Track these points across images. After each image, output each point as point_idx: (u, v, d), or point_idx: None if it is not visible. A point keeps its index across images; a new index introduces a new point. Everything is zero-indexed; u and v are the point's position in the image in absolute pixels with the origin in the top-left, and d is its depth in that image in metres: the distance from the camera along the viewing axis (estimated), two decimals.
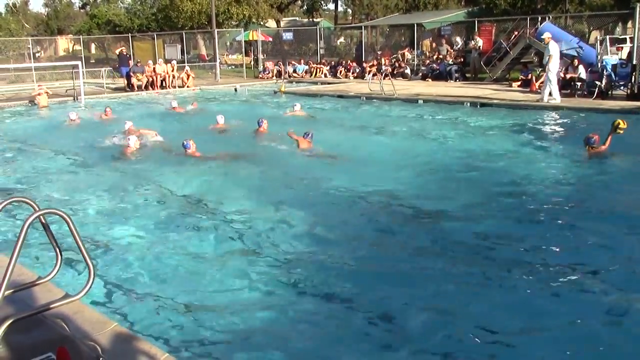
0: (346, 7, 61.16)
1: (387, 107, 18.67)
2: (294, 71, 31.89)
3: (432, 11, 42.81)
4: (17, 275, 4.69)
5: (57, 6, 68.78)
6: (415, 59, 29.62)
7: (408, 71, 27.83)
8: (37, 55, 49.43)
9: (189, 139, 11.67)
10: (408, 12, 45.38)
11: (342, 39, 45.33)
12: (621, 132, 10.44)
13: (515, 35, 24.50)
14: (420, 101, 19.20)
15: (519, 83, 21.83)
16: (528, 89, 20.28)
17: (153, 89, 25.99)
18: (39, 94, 21.65)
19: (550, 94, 17.18)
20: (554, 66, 17.09)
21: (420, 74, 27.21)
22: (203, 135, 14.00)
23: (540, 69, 21.83)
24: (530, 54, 24.54)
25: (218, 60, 33.97)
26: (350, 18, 61.55)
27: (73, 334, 4.05)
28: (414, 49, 30.35)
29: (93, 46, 59.08)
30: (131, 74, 26.16)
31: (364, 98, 20.72)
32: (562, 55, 20.00)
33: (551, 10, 30.89)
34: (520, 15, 27.82)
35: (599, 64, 18.38)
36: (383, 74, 23.05)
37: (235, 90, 26.34)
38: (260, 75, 32.41)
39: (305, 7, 58.48)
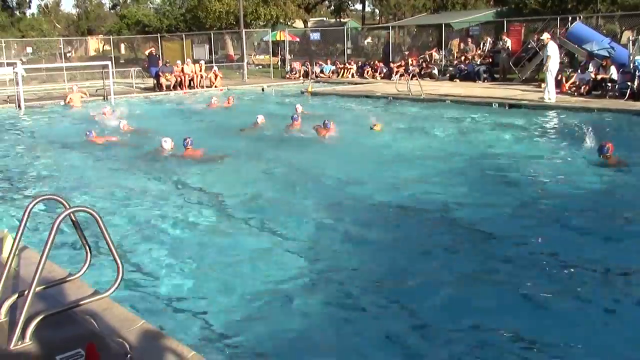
0: (373, 7, 61.05)
1: (414, 108, 18.57)
2: (321, 71, 31.89)
3: (460, 11, 42.48)
4: (48, 272, 4.76)
5: (87, 7, 69.74)
6: (443, 60, 29.40)
7: (435, 72, 27.64)
8: (68, 55, 50.12)
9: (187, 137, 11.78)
10: (436, 12, 45.12)
11: (369, 39, 45.13)
12: None
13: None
14: (448, 102, 19.06)
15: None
16: (558, 90, 19.99)
17: (181, 89, 26.21)
18: (73, 92, 22.02)
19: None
20: (554, 66, 17.29)
21: (448, 75, 27.01)
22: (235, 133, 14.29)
23: (570, 70, 21.52)
24: (561, 55, 24.17)
25: (246, 60, 34.14)
26: (378, 18, 61.40)
27: (102, 330, 4.10)
28: (441, 50, 30.13)
29: (123, 46, 59.79)
30: (160, 74, 26.43)
31: (391, 98, 20.64)
32: (594, 56, 19.71)
33: (582, 9, 30.37)
34: (550, 15, 27.44)
35: (631, 65, 18.05)
36: (410, 75, 22.94)
37: (263, 90, 26.43)
38: (287, 76, 32.47)
39: (332, 7, 58.49)
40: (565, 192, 8.85)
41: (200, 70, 27.47)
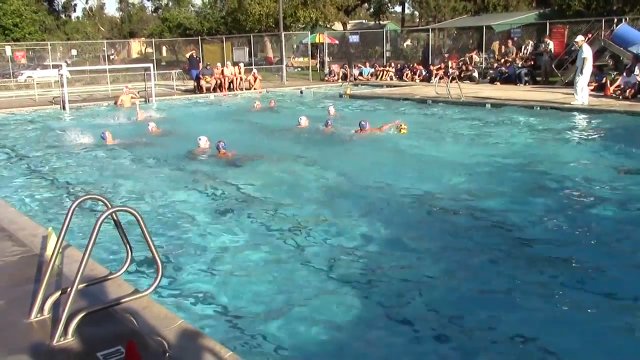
0: (413, 9, 60.67)
1: (454, 111, 18.40)
2: (360, 74, 31.86)
3: (501, 13, 41.91)
4: (90, 270, 4.86)
5: (130, 10, 71.04)
6: (484, 62, 29.06)
7: (476, 74, 27.33)
8: (111, 57, 51.14)
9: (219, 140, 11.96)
10: (477, 14, 44.59)
11: (408, 42, 44.95)
12: None
13: (589, 38, 23.70)
14: (488, 105, 18.82)
15: (592, 87, 21.09)
16: (602, 94, 19.57)
17: (221, 91, 26.49)
18: (124, 94, 22.52)
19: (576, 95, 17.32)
20: (588, 70, 17.14)
21: (489, 78, 26.68)
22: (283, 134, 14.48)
23: (615, 73, 21.06)
24: (605, 57, 23.68)
25: (285, 63, 34.30)
26: (417, 20, 61.00)
27: (141, 328, 4.17)
28: (482, 52, 29.79)
29: (164, 49, 60.73)
30: (200, 76, 26.76)
31: (430, 101, 20.49)
32: None
33: (628, 11, 29.67)
34: (594, 17, 26.89)
35: None
36: (450, 77, 22.72)
37: (301, 92, 26.53)
38: (326, 78, 32.52)
39: (371, 10, 58.40)
40: (610, 197, 8.65)
41: (240, 73, 27.73)
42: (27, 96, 27.00)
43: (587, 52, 17.20)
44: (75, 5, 63.34)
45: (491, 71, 27.26)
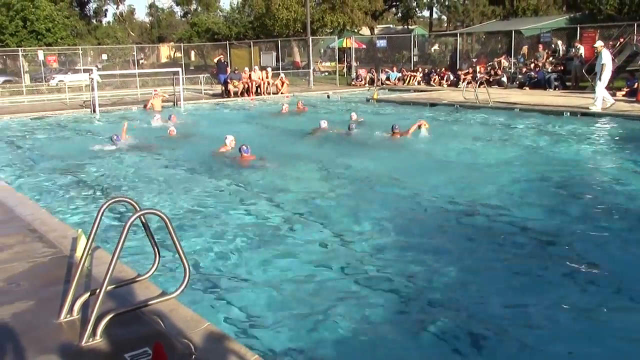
0: (441, 14, 60.43)
1: (482, 116, 18.24)
2: (387, 79, 31.79)
3: (531, 17, 41.50)
4: (118, 272, 4.92)
5: (160, 15, 71.86)
6: (512, 67, 28.79)
7: (505, 79, 27.07)
8: (140, 62, 51.77)
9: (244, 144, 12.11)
10: (505, 18, 44.22)
11: (436, 46, 44.71)
12: None
13: (621, 42, 23.34)
14: (517, 110, 18.63)
15: (623, 92, 20.77)
16: (634, 99, 19.25)
17: (248, 95, 26.63)
18: (153, 98, 22.78)
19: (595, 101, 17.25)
20: (606, 76, 17.12)
21: (517, 83, 26.42)
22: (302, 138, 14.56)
23: None
24: (637, 62, 23.27)
25: (312, 68, 34.40)
26: (445, 25, 60.73)
27: (168, 330, 4.20)
28: (510, 57, 29.52)
29: (193, 53, 61.34)
30: (228, 80, 26.97)
31: (458, 106, 20.35)
32: None
33: None
34: (626, 22, 26.46)
35: None
36: (478, 82, 22.55)
37: (328, 97, 26.55)
38: (353, 83, 32.53)
39: (399, 14, 58.26)
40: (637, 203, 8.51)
41: (267, 77, 27.87)
42: (58, 100, 27.51)
43: (606, 58, 17.12)
44: (106, 10, 64.10)
45: (520, 76, 26.99)
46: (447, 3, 54.32)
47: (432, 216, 8.21)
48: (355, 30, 44.89)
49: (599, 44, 18.26)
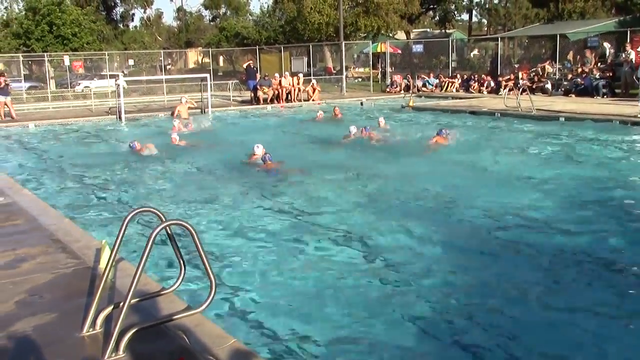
0: (481, 17, 60.06)
1: (524, 125, 18.03)
2: (424, 85, 31.69)
3: (577, 21, 40.99)
4: (142, 284, 4.97)
5: (187, 19, 72.76)
6: (557, 73, 28.43)
7: (549, 86, 26.74)
8: (168, 67, 52.42)
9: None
10: (550, 22, 43.74)
11: (475, 51, 44.46)
12: None
13: None
14: (562, 119, 18.38)
15: None
16: None
17: (278, 102, 26.76)
18: (180, 105, 22.99)
19: None
20: None
21: (563, 90, 26.07)
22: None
23: None
24: None
25: (345, 73, 34.45)
26: (485, 29, 60.33)
27: (193, 346, 4.22)
28: (555, 62, 29.17)
29: (221, 58, 61.92)
30: (258, 87, 27.14)
31: (499, 115, 20.17)
32: None
33: None
34: None
35: None
36: (520, 89, 22.32)
37: (361, 104, 26.54)
38: (388, 90, 32.49)
39: (437, 17, 58.08)
40: None
41: (298, 83, 27.98)
42: (84, 106, 28.05)
43: None
44: (133, 14, 65.22)
45: (565, 82, 26.63)
46: (487, 6, 54.04)
47: (469, 232, 8.11)
48: (390, 35, 44.85)
49: None
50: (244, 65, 31.26)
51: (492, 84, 29.31)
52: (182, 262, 4.95)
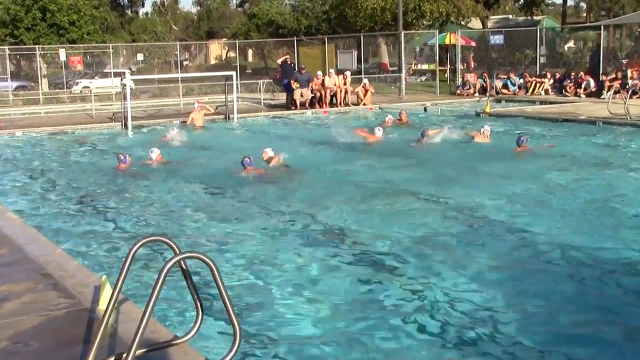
0: (579, 0, 59.58)
1: (634, 137, 17.75)
2: (504, 86, 31.45)
3: None
4: (150, 332, 5.00)
5: (210, 4, 73.54)
6: None
7: None
8: (185, 63, 53.12)
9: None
10: None
11: (571, 44, 44.09)
12: None
13: None
14: None
15: None
16: None
17: (320, 106, 26.77)
18: (195, 111, 23.22)
19: None
20: None
21: None
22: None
23: None
24: None
25: (404, 71, 34.41)
26: (584, 15, 59.75)
27: None
28: None
29: (250, 52, 62.60)
30: (292, 82, 26.90)
31: (601, 123, 19.90)
32: None
33: None
34: None
35: None
36: (629, 91, 22.00)
37: (425, 109, 26.46)
38: (459, 91, 32.34)
39: (521, 1, 57.75)
40: None
41: (345, 84, 27.94)
42: (82, 111, 28.53)
43: None
44: None
45: None
46: None
47: (544, 266, 8.10)
48: (462, 23, 44.73)
49: None
50: (279, 61, 31.37)
51: (593, 84, 28.94)
52: (199, 304, 4.98)
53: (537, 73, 32.48)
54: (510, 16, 63.17)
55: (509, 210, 10.74)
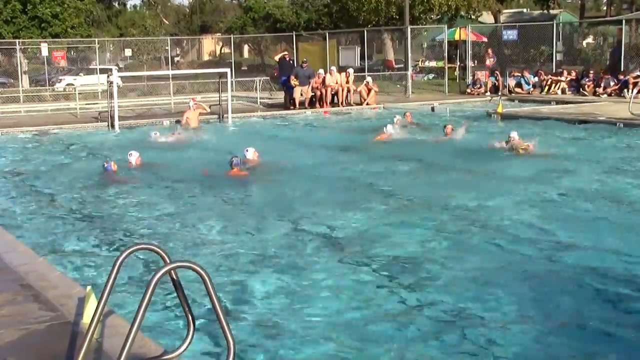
0: None
1: None
2: (518, 85, 31.46)
3: None
4: (138, 346, 5.00)
5: None
6: None
7: None
8: (176, 60, 53.15)
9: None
10: None
11: (590, 39, 44.11)
12: None
13: None
14: None
15: None
16: None
17: (321, 106, 26.78)
18: (190, 110, 23.05)
19: None
20: None
21: None
22: None
23: None
24: None
25: (410, 69, 34.44)
26: (604, 8, 59.75)
27: None
28: None
29: (246, 48, 62.67)
30: (291, 79, 26.80)
31: (621, 125, 19.89)
32: None
33: None
34: None
35: None
36: None
37: (433, 109, 26.45)
38: (469, 90, 32.35)
39: None
40: None
41: (348, 82, 27.96)
42: (66, 110, 28.61)
43: None
44: None
45: None
46: None
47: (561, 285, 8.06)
48: (473, 17, 44.76)
49: None
50: (277, 58, 31.34)
51: (613, 83, 28.94)
52: (190, 317, 4.98)
53: (553, 71, 32.47)
54: (525, 10, 63.30)
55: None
